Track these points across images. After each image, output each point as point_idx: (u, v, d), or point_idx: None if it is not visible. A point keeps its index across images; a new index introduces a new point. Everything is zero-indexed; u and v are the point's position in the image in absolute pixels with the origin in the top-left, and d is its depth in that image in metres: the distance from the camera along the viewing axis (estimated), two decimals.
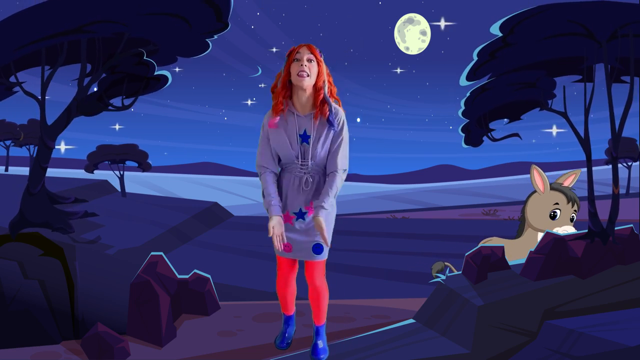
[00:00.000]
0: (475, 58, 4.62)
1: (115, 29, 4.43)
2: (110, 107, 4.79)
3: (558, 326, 3.95)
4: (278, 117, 3.29)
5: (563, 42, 4.56)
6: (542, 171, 5.13)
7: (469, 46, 4.62)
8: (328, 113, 3.27)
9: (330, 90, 3.34)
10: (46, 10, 4.32)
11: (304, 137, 3.29)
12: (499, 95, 4.98)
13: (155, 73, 4.75)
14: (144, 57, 4.62)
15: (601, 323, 3.96)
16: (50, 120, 4.60)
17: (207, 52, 4.65)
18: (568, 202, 5.11)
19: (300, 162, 3.32)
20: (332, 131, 3.29)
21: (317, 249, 3.38)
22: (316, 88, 3.26)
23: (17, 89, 4.65)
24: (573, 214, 5.15)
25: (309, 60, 3.21)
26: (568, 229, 4.95)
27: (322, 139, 3.29)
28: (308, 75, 3.19)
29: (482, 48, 4.58)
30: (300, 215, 3.35)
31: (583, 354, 3.68)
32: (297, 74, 3.19)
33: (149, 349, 4.16)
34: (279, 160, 3.42)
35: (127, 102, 4.82)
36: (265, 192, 3.37)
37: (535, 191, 5.20)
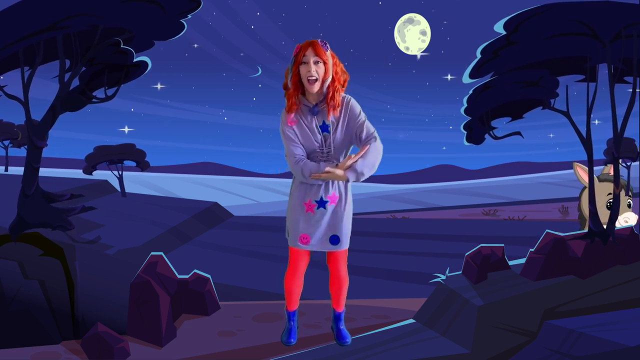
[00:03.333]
0: (479, 56, 4.61)
1: (89, 21, 4.43)
2: (94, 100, 4.79)
3: (558, 326, 3.95)
4: (293, 114, 3.39)
5: (567, 42, 4.55)
6: (585, 167, 5.12)
7: (469, 46, 4.62)
8: (339, 107, 3.38)
9: (341, 79, 3.40)
10: (18, 11, 4.32)
11: (324, 128, 3.39)
12: (502, 94, 4.98)
13: (135, 60, 4.74)
14: (121, 46, 4.61)
15: (601, 323, 3.96)
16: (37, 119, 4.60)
17: (182, 33, 4.65)
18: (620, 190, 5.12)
19: (321, 151, 3.40)
20: (347, 117, 3.39)
21: (335, 239, 3.45)
22: (324, 85, 3.34)
23: None
24: (629, 200, 5.18)
25: (316, 63, 3.28)
26: (630, 217, 4.98)
27: (339, 125, 3.39)
28: (316, 79, 3.29)
29: (486, 46, 4.57)
30: (322, 204, 3.42)
31: (583, 354, 3.69)
32: (307, 79, 3.29)
33: (149, 349, 4.16)
34: None
35: (110, 92, 4.81)
36: (311, 169, 3.35)
37: (585, 187, 5.20)
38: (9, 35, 4.37)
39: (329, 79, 3.32)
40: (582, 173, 5.15)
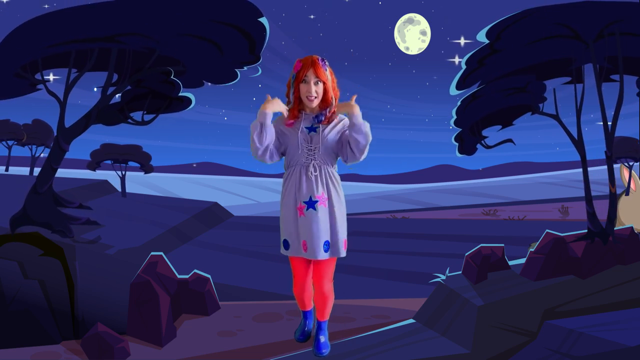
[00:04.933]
0: (464, 66, 4.62)
1: (148, 44, 4.46)
2: (129, 121, 4.79)
3: (558, 326, 3.95)
4: (293, 121, 3.50)
5: (550, 45, 4.56)
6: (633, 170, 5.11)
7: (469, 46, 4.62)
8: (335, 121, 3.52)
9: (337, 94, 3.52)
10: (83, 13, 4.35)
11: (311, 129, 3.48)
12: (490, 102, 4.97)
13: (180, 94, 4.77)
14: (171, 77, 4.64)
15: (601, 323, 3.97)
16: (67, 122, 4.60)
17: (234, 82, 4.68)
18: None
19: (307, 149, 3.43)
20: (339, 126, 3.50)
21: (327, 246, 3.44)
22: (324, 102, 3.47)
23: (40, 86, 4.65)
24: None
25: (316, 83, 3.41)
26: None
27: (329, 127, 3.47)
28: (316, 97, 3.43)
29: (470, 56, 4.59)
30: (311, 204, 3.41)
31: (583, 354, 3.69)
32: (307, 98, 3.42)
33: (149, 349, 4.16)
34: (284, 156, 3.56)
35: (147, 117, 4.82)
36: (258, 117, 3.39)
37: (622, 192, 5.19)
38: (68, 32, 4.40)
39: (329, 100, 3.43)
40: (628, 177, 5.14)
